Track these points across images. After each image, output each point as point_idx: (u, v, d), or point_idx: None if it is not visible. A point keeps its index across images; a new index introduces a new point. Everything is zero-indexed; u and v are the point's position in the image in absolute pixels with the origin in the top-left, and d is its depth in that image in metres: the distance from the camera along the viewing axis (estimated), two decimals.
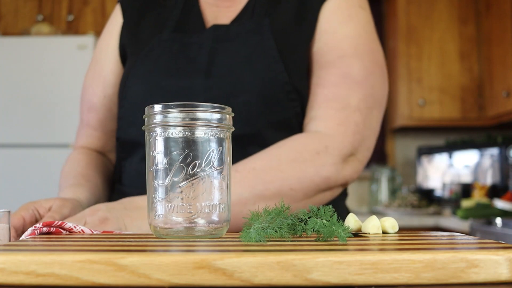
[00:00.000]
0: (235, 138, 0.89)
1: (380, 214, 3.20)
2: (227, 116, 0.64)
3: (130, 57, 1.06)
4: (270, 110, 0.95)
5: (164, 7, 1.09)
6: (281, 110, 0.96)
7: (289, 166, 0.89)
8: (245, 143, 0.92)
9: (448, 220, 2.89)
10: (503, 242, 0.55)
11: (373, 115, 0.98)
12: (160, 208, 0.61)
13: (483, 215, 2.69)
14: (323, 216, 0.59)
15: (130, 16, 1.10)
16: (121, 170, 1.05)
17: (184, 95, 0.95)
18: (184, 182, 0.61)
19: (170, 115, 0.61)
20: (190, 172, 0.61)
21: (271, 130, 0.95)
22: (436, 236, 0.63)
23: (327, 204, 0.91)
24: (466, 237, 0.62)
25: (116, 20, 1.13)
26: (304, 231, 0.60)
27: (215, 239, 0.60)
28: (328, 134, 0.93)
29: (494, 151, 3.11)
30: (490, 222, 2.53)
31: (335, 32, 1.00)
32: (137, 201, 0.83)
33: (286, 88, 0.96)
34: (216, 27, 1.01)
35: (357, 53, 0.98)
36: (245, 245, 0.53)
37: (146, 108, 0.64)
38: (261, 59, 0.97)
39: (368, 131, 0.97)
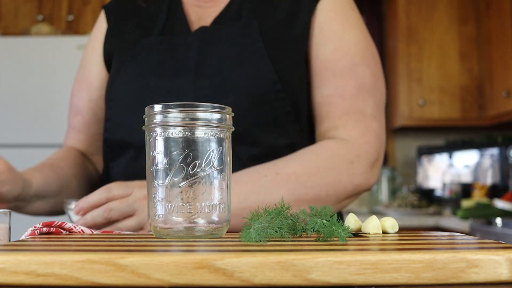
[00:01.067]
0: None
1: (380, 214, 3.20)
2: (227, 116, 0.64)
3: (116, 60, 1.07)
4: (258, 110, 0.96)
5: (148, 11, 1.10)
6: (270, 110, 0.97)
7: (327, 174, 0.94)
8: (234, 142, 0.92)
9: (448, 220, 2.89)
10: (503, 242, 0.55)
11: (383, 117, 1.04)
12: (160, 208, 0.61)
13: (483, 215, 2.69)
14: (323, 216, 0.59)
15: (114, 21, 1.12)
16: (109, 172, 1.05)
17: (173, 95, 0.96)
18: (184, 182, 0.61)
19: (170, 115, 0.61)
20: (190, 172, 0.61)
21: (259, 129, 0.96)
22: (436, 236, 0.63)
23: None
24: (466, 237, 0.62)
25: (100, 26, 1.14)
26: (304, 231, 0.60)
27: (215, 239, 0.60)
28: (357, 143, 0.98)
29: (494, 151, 3.11)
30: (490, 222, 2.53)
31: (341, 38, 1.02)
32: None
33: (276, 87, 0.96)
34: (204, 28, 1.02)
35: (365, 60, 1.02)
36: (245, 245, 0.53)
37: (146, 108, 0.64)
38: (249, 59, 0.97)
39: (383, 134, 1.03)
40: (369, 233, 0.64)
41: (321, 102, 1.01)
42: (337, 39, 1.02)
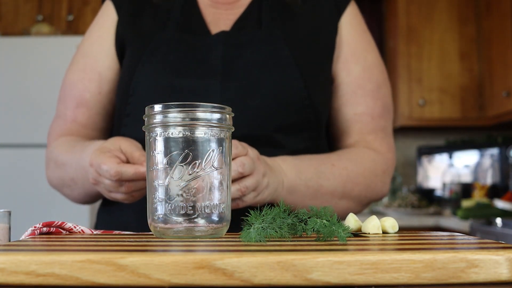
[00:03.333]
0: (248, 138, 0.90)
1: (380, 214, 3.20)
2: (227, 116, 0.64)
3: (131, 53, 1.04)
4: (284, 115, 0.98)
5: (160, 6, 1.07)
6: (294, 115, 0.99)
7: (369, 176, 1.01)
8: (258, 144, 0.94)
9: (448, 220, 2.89)
10: (503, 242, 0.55)
11: None
12: (160, 208, 0.61)
13: (483, 215, 2.69)
14: (323, 216, 0.59)
15: (126, 12, 1.08)
16: None
17: (200, 95, 0.96)
18: (184, 182, 0.61)
19: (170, 115, 0.61)
20: (190, 172, 0.61)
21: (282, 133, 0.98)
22: (436, 236, 0.63)
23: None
24: (466, 237, 0.62)
25: (108, 16, 1.10)
26: (304, 231, 0.60)
27: (215, 239, 0.60)
28: (385, 157, 1.06)
29: (494, 151, 3.11)
30: (490, 222, 2.53)
31: (366, 59, 1.08)
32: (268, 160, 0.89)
33: (301, 94, 0.99)
34: (225, 33, 1.02)
35: (385, 81, 1.11)
36: (245, 245, 0.53)
37: (146, 108, 0.64)
38: (276, 66, 0.99)
39: None
40: (369, 233, 0.64)
41: (353, 119, 1.07)
42: (363, 59, 1.08)
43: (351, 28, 1.09)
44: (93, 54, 1.08)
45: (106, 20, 1.10)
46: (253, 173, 0.80)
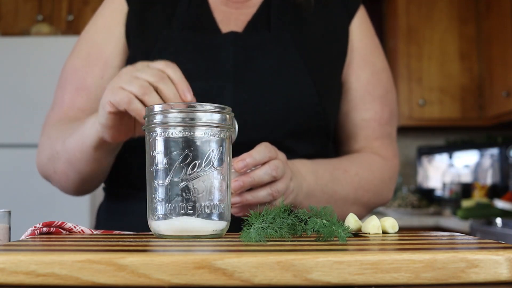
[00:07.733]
0: (260, 143, 0.88)
1: (380, 214, 3.20)
2: (227, 116, 0.64)
3: (137, 51, 1.02)
4: (295, 120, 0.97)
5: (166, 1, 1.04)
6: (305, 122, 0.98)
7: (378, 183, 1.02)
8: None
9: (448, 220, 2.89)
10: (503, 242, 0.55)
11: None
12: (160, 208, 0.61)
13: (483, 215, 2.69)
14: (323, 216, 0.59)
15: (135, 5, 1.04)
16: (131, 167, 1.00)
17: (211, 98, 0.93)
18: (184, 182, 0.61)
19: (170, 115, 0.61)
20: (190, 172, 0.61)
21: (293, 139, 0.98)
22: (436, 236, 0.63)
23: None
24: (466, 237, 0.62)
25: (118, 5, 1.05)
26: (304, 231, 0.60)
27: (215, 239, 0.60)
28: (391, 163, 1.07)
29: (494, 151, 3.11)
30: (490, 222, 2.53)
31: (374, 64, 1.09)
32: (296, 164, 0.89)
33: (313, 101, 0.98)
34: (236, 34, 1.00)
35: (392, 86, 1.11)
36: (245, 245, 0.53)
37: (146, 108, 0.64)
38: (288, 71, 0.98)
39: None
40: (369, 233, 0.64)
41: (361, 125, 1.07)
42: (372, 64, 1.08)
43: (361, 32, 1.09)
44: (99, 42, 1.04)
45: (115, 8, 1.05)
46: (283, 177, 0.79)
